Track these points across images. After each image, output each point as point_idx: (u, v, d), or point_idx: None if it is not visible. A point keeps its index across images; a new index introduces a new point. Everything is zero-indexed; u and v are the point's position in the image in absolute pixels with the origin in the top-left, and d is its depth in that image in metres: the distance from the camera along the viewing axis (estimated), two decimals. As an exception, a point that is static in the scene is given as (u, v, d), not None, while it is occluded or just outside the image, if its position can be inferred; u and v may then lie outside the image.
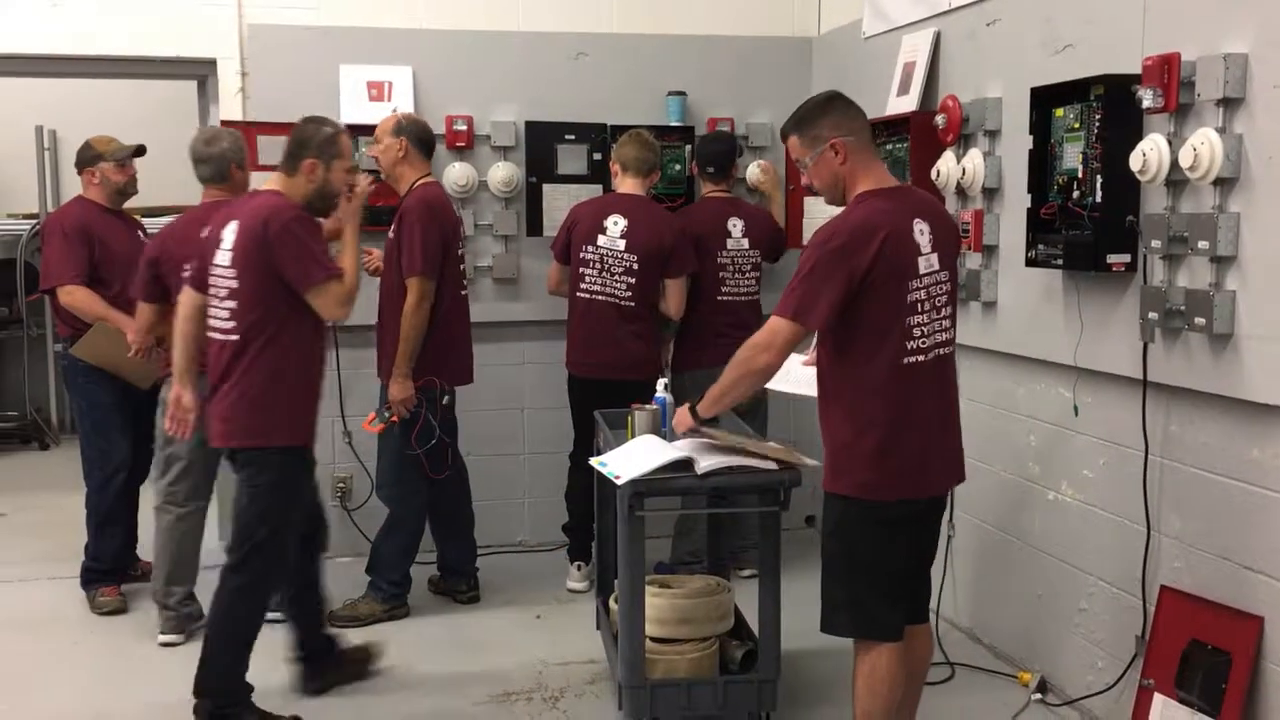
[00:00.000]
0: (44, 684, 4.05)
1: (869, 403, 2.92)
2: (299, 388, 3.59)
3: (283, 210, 3.51)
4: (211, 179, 4.31)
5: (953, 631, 4.36)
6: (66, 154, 6.45)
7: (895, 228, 2.90)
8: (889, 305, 2.89)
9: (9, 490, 6.73)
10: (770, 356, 2.94)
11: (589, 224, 4.72)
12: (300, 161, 3.58)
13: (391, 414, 4.41)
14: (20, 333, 8.10)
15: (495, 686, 3.96)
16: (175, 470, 4.35)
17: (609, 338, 4.70)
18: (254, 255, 3.47)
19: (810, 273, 2.86)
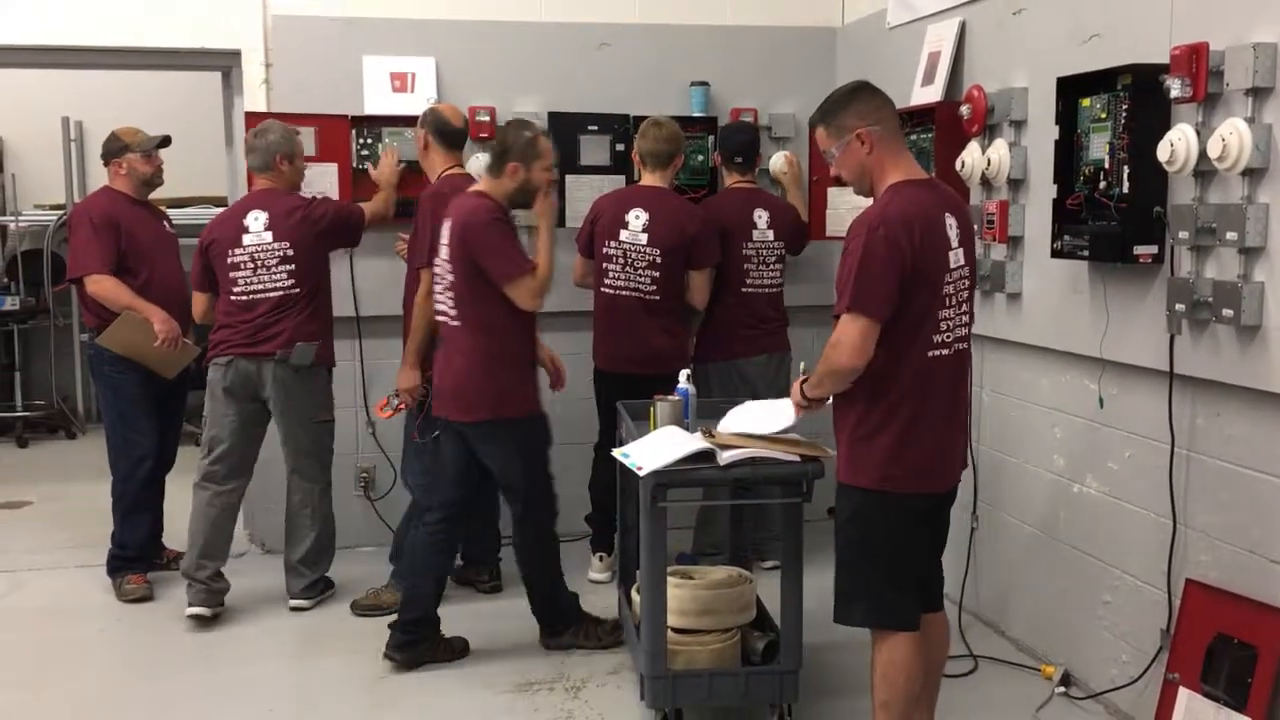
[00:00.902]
0: (70, 670, 4.09)
1: (892, 395, 2.90)
2: (517, 365, 3.98)
3: (483, 212, 3.87)
4: (257, 168, 4.52)
5: (976, 624, 4.35)
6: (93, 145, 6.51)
7: (931, 219, 2.90)
8: (924, 297, 2.88)
9: (36, 479, 6.80)
10: (848, 357, 2.84)
11: (611, 218, 4.72)
12: (505, 164, 3.93)
13: (400, 401, 4.47)
14: (47, 322, 8.17)
15: (517, 676, 3.97)
16: (218, 451, 4.46)
17: (634, 332, 4.70)
18: (462, 252, 3.85)
19: (863, 263, 2.82)
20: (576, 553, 5.12)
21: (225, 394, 4.42)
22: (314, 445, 4.55)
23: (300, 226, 4.42)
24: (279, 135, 4.49)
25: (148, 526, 4.85)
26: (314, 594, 4.60)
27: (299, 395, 4.45)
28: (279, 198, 4.48)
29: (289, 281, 4.40)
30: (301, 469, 4.56)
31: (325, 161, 5.06)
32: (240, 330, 4.40)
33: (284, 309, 4.40)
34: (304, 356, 4.40)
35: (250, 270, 4.39)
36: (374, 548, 5.18)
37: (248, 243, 4.39)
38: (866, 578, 2.99)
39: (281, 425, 4.50)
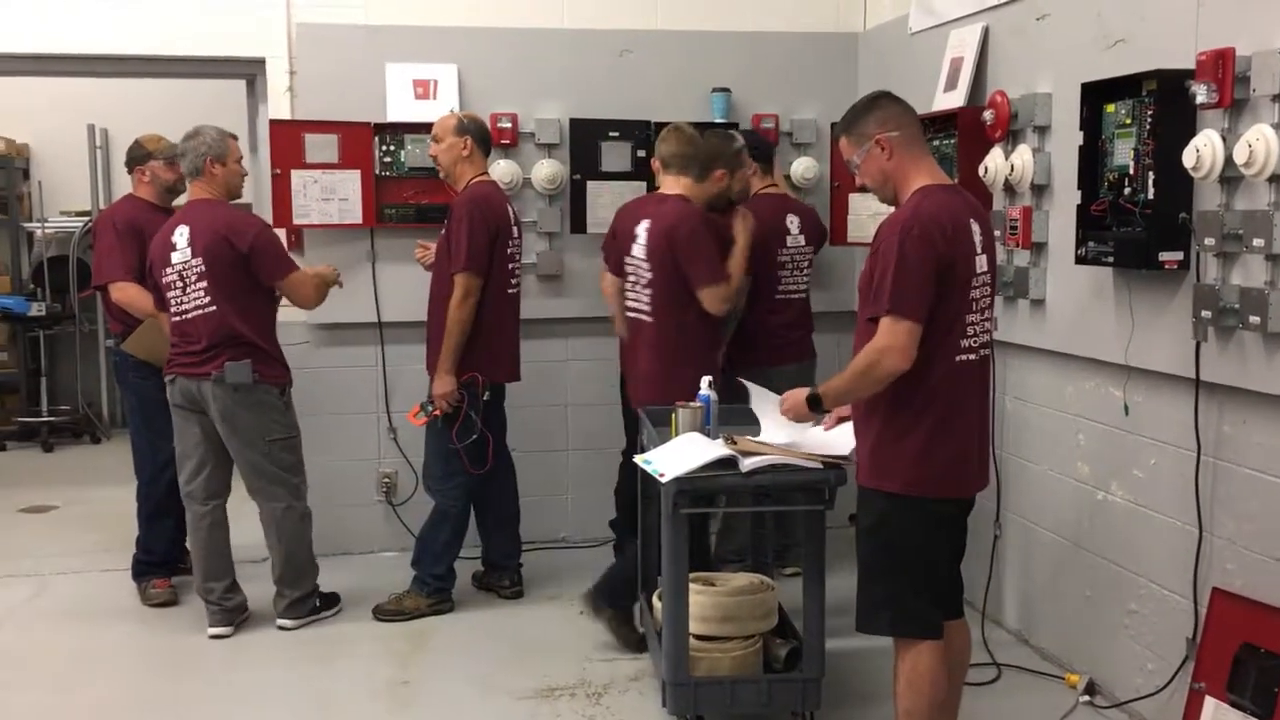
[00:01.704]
0: (95, 673, 4.12)
1: (920, 399, 2.89)
2: (702, 360, 4.04)
3: (691, 216, 4.08)
4: (188, 173, 4.38)
5: (999, 632, 4.32)
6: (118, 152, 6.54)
7: (959, 223, 2.90)
8: (953, 300, 2.87)
9: (62, 483, 6.85)
10: (895, 360, 2.82)
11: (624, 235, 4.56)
12: (711, 171, 4.18)
13: (434, 408, 4.43)
14: (73, 328, 8.24)
15: (539, 682, 3.98)
16: (188, 469, 4.40)
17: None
18: (665, 252, 4.05)
19: (900, 264, 2.80)
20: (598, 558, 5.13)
21: (179, 410, 4.35)
22: (267, 465, 4.36)
23: (217, 244, 4.20)
24: (209, 137, 4.31)
25: (172, 531, 4.87)
26: (299, 614, 4.48)
27: (242, 415, 4.28)
28: (207, 211, 4.28)
29: (206, 299, 4.22)
30: (257, 488, 4.41)
31: (348, 168, 5.09)
32: (180, 348, 4.30)
33: (212, 327, 4.22)
34: (236, 375, 4.21)
35: (180, 289, 4.25)
36: (396, 552, 5.20)
37: (175, 260, 4.25)
38: (891, 585, 2.98)
39: (229, 445, 4.34)
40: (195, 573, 4.47)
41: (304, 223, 5.07)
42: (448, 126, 4.50)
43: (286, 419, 4.42)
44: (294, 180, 5.06)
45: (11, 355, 8.24)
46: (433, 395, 4.44)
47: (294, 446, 4.47)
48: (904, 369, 2.83)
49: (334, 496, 5.15)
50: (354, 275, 5.16)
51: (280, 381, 4.38)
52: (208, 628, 4.40)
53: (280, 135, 5.05)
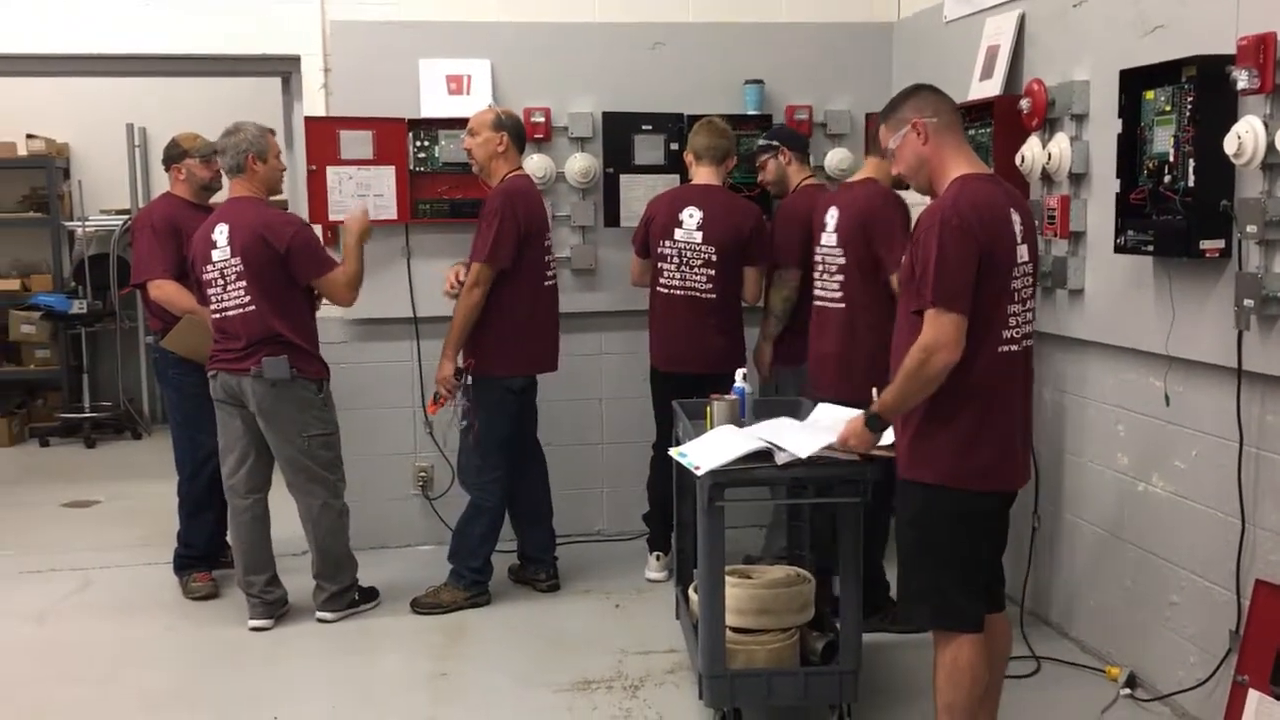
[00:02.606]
0: (139, 666, 4.17)
1: (961, 391, 2.87)
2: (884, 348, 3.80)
3: (887, 197, 4.03)
4: (228, 170, 4.40)
5: (1039, 625, 4.29)
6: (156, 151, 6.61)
7: (999, 213, 2.87)
8: (992, 291, 2.85)
9: (104, 478, 6.94)
10: (946, 355, 2.79)
11: (665, 218, 4.71)
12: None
13: (439, 394, 4.52)
14: (114, 325, 8.34)
15: (575, 675, 3.99)
16: (230, 462, 4.44)
17: (690, 332, 4.69)
18: (863, 237, 4.01)
19: (941, 256, 2.78)
20: (633, 551, 5.14)
21: (221, 405, 4.40)
22: (305, 460, 4.39)
23: (256, 243, 4.23)
24: (249, 134, 4.33)
25: (212, 525, 4.93)
26: (338, 607, 4.52)
27: (280, 411, 4.31)
28: (247, 209, 4.31)
29: (245, 298, 4.25)
30: (295, 484, 4.45)
31: (383, 164, 5.11)
32: (221, 345, 4.34)
33: (251, 325, 4.25)
34: (275, 371, 4.24)
35: (220, 287, 4.29)
36: (433, 546, 5.23)
37: (215, 258, 4.28)
38: (931, 578, 2.96)
39: (269, 440, 4.38)
40: (236, 566, 4.51)
41: (339, 219, 5.10)
42: (484, 121, 4.52)
43: (324, 415, 4.45)
44: (329, 176, 5.10)
45: (54, 352, 8.34)
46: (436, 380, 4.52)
47: (332, 443, 4.50)
48: (955, 360, 2.80)
49: (371, 491, 5.19)
50: (389, 271, 5.19)
51: (318, 377, 4.41)
52: (249, 620, 4.45)
53: (315, 132, 5.08)
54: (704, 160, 4.73)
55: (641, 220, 4.87)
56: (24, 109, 8.13)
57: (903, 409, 2.94)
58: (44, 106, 8.16)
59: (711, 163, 4.72)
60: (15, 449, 7.98)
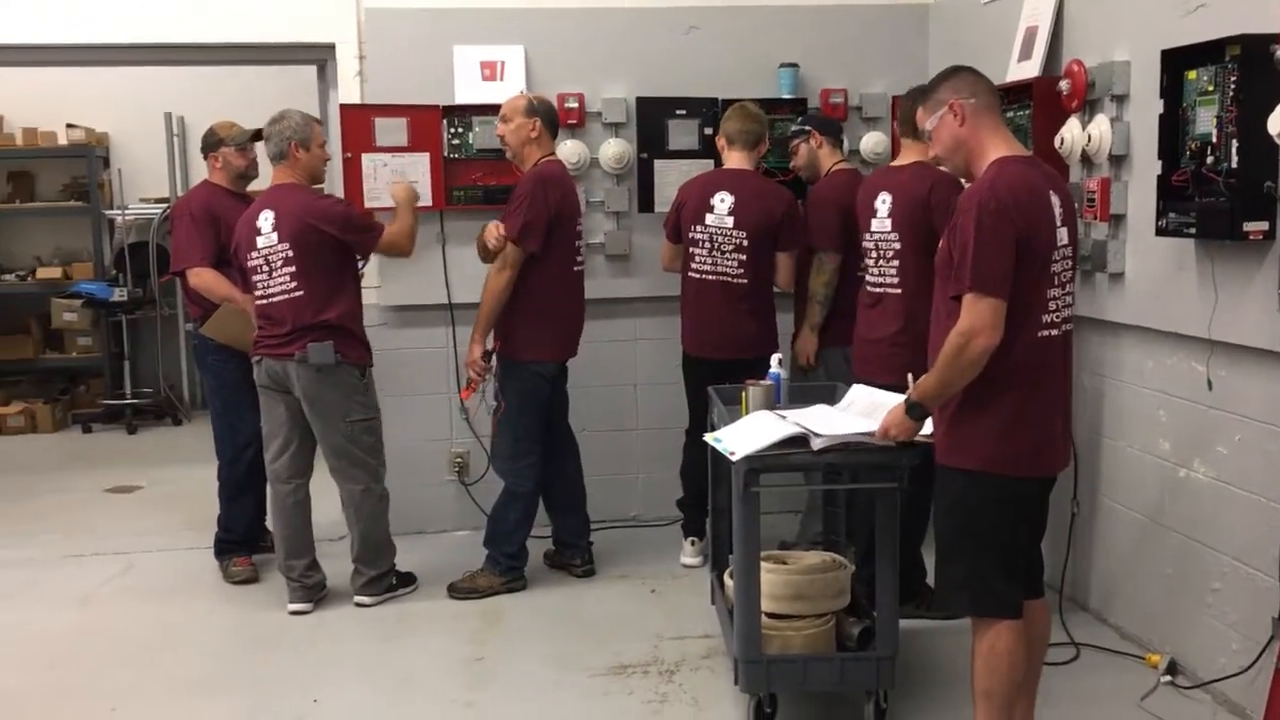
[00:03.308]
0: (181, 649, 4.23)
1: (1000, 375, 2.84)
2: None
3: (941, 178, 3.99)
4: (273, 156, 4.43)
5: (1077, 611, 4.26)
6: (194, 140, 6.68)
7: (1039, 196, 2.84)
8: (1031, 275, 2.82)
9: (145, 464, 7.03)
10: (985, 339, 2.76)
11: (697, 203, 4.70)
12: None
13: (469, 377, 4.55)
14: (154, 313, 8.43)
15: (611, 660, 4.00)
16: (274, 448, 4.49)
17: (722, 317, 4.68)
18: (918, 218, 4.01)
19: (979, 239, 2.75)
20: (668, 537, 5.15)
21: (265, 391, 4.43)
22: (348, 445, 4.43)
23: (305, 229, 4.27)
24: (294, 121, 4.37)
25: (252, 510, 4.98)
26: (375, 591, 4.55)
27: (325, 396, 4.35)
28: (290, 195, 4.35)
29: (292, 284, 4.29)
30: (338, 469, 4.49)
31: (418, 151, 5.13)
32: (265, 330, 4.38)
33: (294, 310, 4.29)
34: (320, 356, 4.28)
35: (266, 274, 4.33)
36: (469, 531, 5.25)
37: (260, 245, 4.32)
38: (970, 564, 2.94)
39: (313, 425, 4.43)
40: (277, 550, 4.56)
41: (375, 205, 5.13)
42: (517, 107, 4.52)
43: (367, 400, 4.48)
44: (364, 164, 5.12)
45: (95, 340, 8.45)
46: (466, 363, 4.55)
47: (374, 428, 4.53)
48: (994, 344, 2.77)
49: (407, 476, 5.22)
50: (424, 257, 5.21)
51: (362, 363, 4.44)
52: (288, 604, 4.49)
53: (351, 119, 5.11)
54: (736, 145, 4.71)
55: (673, 205, 4.86)
56: (64, 99, 8.22)
57: (943, 396, 2.90)
58: (84, 96, 8.26)
59: (744, 148, 4.70)
60: (59, 435, 8.10)
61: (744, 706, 3.50)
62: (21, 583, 4.95)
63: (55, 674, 4.03)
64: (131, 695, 3.85)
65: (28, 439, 7.96)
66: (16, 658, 4.16)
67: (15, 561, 5.21)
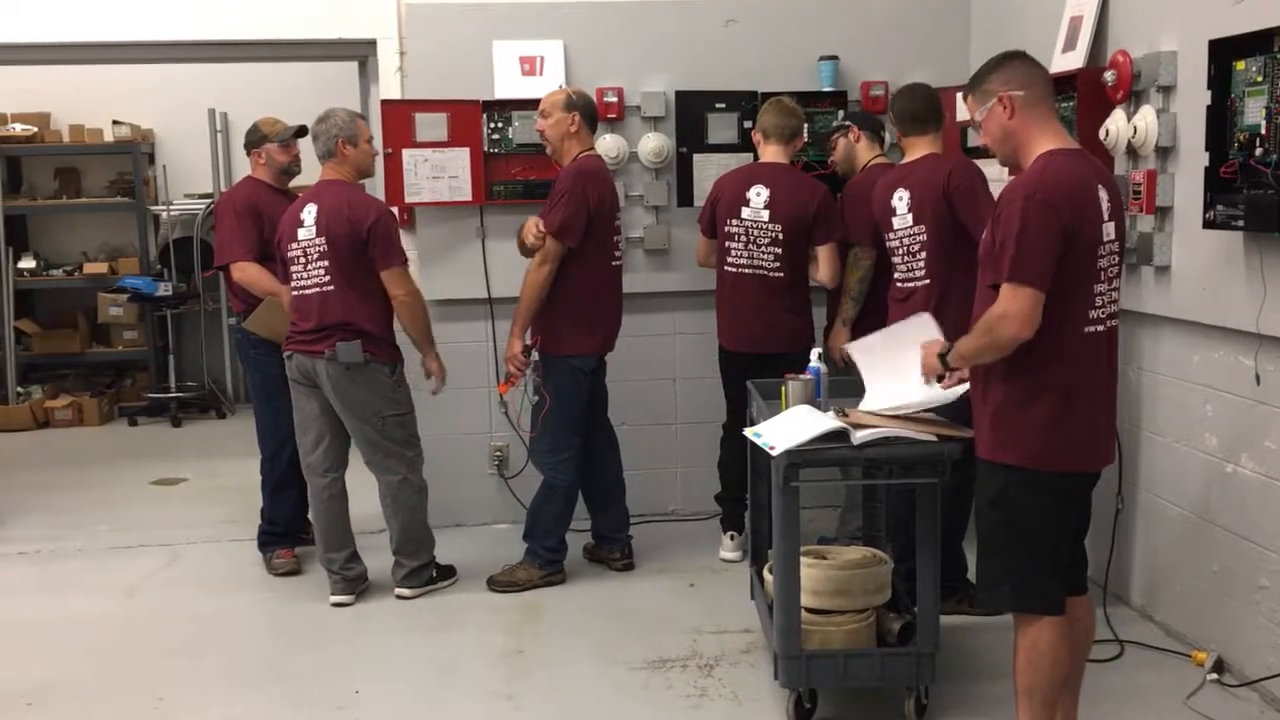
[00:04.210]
0: (225, 640, 4.28)
1: (1045, 370, 2.82)
2: None
3: (956, 164, 4.06)
4: (320, 155, 4.47)
5: (1122, 608, 4.21)
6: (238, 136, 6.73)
7: (1086, 190, 2.81)
8: (1077, 269, 2.79)
9: (190, 457, 7.12)
10: (1016, 328, 2.76)
11: (732, 196, 4.69)
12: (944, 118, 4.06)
13: (508, 372, 4.56)
14: (198, 307, 8.53)
15: (650, 653, 4.00)
16: (307, 441, 4.52)
17: (758, 311, 4.67)
18: (940, 208, 3.97)
19: (1022, 230, 2.73)
20: (707, 531, 5.15)
21: (297, 386, 4.48)
22: (381, 440, 4.46)
23: (341, 224, 4.30)
24: (340, 119, 4.42)
25: (294, 503, 5.02)
26: (416, 583, 4.59)
27: (354, 393, 4.39)
28: (335, 191, 4.39)
29: (325, 278, 4.33)
30: (373, 461, 4.53)
31: (458, 146, 5.15)
32: (296, 325, 4.42)
33: (326, 306, 4.34)
34: (348, 355, 4.31)
35: (302, 265, 4.38)
36: (508, 525, 5.28)
37: (300, 237, 4.37)
38: (1012, 560, 2.92)
39: (345, 421, 4.47)
40: (317, 543, 4.60)
41: (415, 201, 5.16)
42: (556, 102, 4.52)
43: (398, 395, 4.50)
44: (405, 159, 5.15)
45: (141, 334, 8.56)
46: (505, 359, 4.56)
47: (406, 422, 4.55)
48: (1025, 336, 2.76)
49: (447, 469, 5.24)
50: (464, 252, 5.24)
51: (392, 360, 4.47)
52: (330, 596, 4.53)
53: (391, 115, 5.14)
54: (772, 139, 4.70)
55: (708, 199, 4.85)
56: (110, 96, 8.33)
57: (971, 360, 2.95)
58: (129, 93, 8.36)
59: (779, 141, 4.69)
60: (105, 428, 8.22)
61: (784, 701, 3.49)
62: (70, 573, 5.03)
63: (102, 663, 4.09)
64: (177, 684, 3.90)
65: (75, 432, 8.08)
66: (65, 647, 4.23)
67: (64, 552, 5.29)
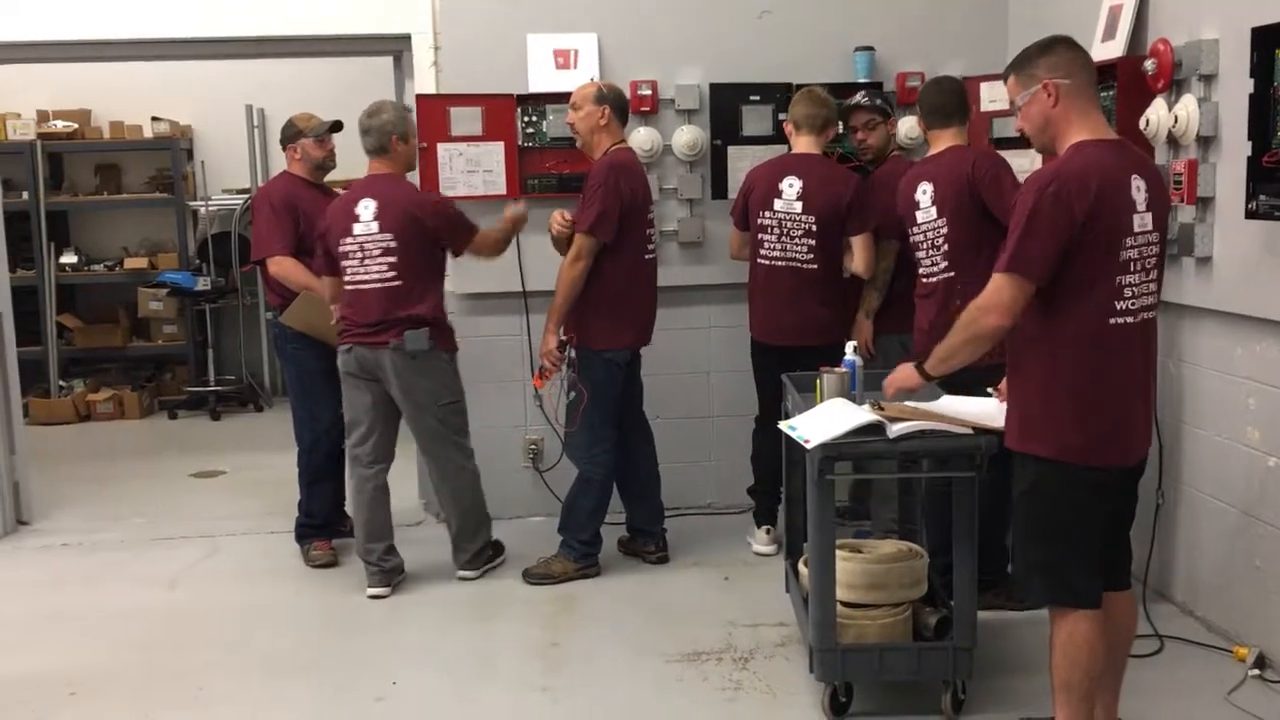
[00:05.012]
0: (264, 631, 4.32)
1: (1070, 361, 2.81)
2: None
3: (982, 154, 4.07)
4: (371, 150, 4.49)
5: (1162, 603, 4.17)
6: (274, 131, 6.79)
7: (1113, 180, 2.78)
8: (1098, 261, 2.77)
9: (228, 450, 7.18)
10: (998, 318, 2.81)
11: (765, 189, 4.68)
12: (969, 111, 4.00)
13: (544, 368, 4.57)
14: (236, 301, 8.60)
15: (685, 646, 4.01)
16: (357, 434, 4.56)
17: (791, 303, 4.66)
18: (964, 200, 3.98)
19: (1029, 222, 2.75)
20: (742, 524, 5.14)
21: (351, 379, 4.51)
22: (440, 428, 4.54)
23: (406, 220, 4.37)
24: (393, 114, 4.45)
25: (331, 496, 5.07)
26: (478, 565, 4.69)
27: (419, 382, 4.44)
28: (391, 185, 4.44)
29: (390, 274, 4.37)
30: (431, 451, 4.60)
31: (492, 140, 5.16)
32: (355, 319, 4.45)
33: (391, 299, 4.38)
34: (416, 343, 4.38)
35: (358, 260, 4.41)
36: (543, 517, 5.29)
37: (357, 232, 4.39)
38: (1045, 553, 2.91)
39: (405, 410, 4.51)
40: (356, 534, 4.64)
41: (450, 194, 5.17)
42: (586, 95, 4.53)
43: (455, 384, 4.59)
44: (440, 153, 5.17)
45: (180, 328, 8.65)
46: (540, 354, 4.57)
47: (461, 409, 4.64)
48: (1004, 326, 2.82)
49: (482, 463, 5.20)
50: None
51: (450, 348, 4.56)
52: (367, 588, 4.57)
53: (426, 109, 5.16)
54: (803, 130, 4.69)
55: (740, 192, 4.84)
56: (149, 93, 8.40)
57: (947, 363, 3.00)
58: (168, 90, 8.42)
59: (811, 132, 4.67)
60: (145, 421, 8.31)
61: (819, 695, 3.49)
62: (112, 565, 5.10)
63: (144, 653, 4.14)
64: (217, 674, 3.94)
65: (116, 425, 8.17)
66: (108, 637, 4.29)
67: (106, 544, 5.36)
